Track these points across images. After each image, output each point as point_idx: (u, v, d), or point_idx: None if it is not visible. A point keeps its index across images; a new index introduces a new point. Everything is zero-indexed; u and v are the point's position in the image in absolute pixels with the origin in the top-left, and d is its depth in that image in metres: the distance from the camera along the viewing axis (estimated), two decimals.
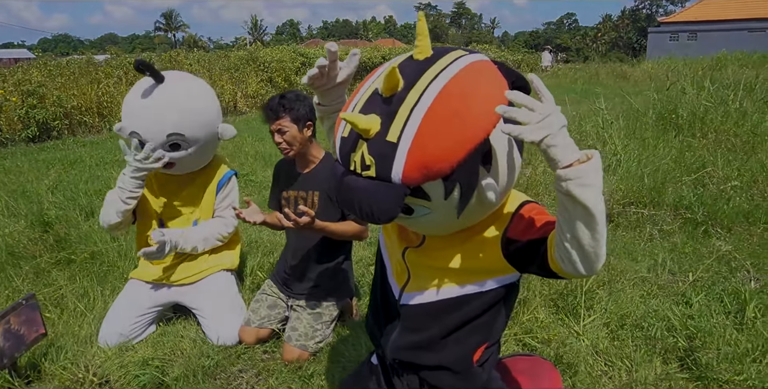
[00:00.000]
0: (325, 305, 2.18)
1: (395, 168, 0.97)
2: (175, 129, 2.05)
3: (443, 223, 1.13)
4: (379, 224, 1.08)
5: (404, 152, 0.96)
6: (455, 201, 1.03)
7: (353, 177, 1.03)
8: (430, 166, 0.96)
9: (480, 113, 0.96)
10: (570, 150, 0.90)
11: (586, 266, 0.98)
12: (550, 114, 0.90)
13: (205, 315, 2.30)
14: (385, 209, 1.00)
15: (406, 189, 0.99)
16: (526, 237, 1.12)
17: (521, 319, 2.25)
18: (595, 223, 0.92)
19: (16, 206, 3.84)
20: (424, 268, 1.30)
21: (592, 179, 0.89)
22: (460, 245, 1.23)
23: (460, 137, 0.95)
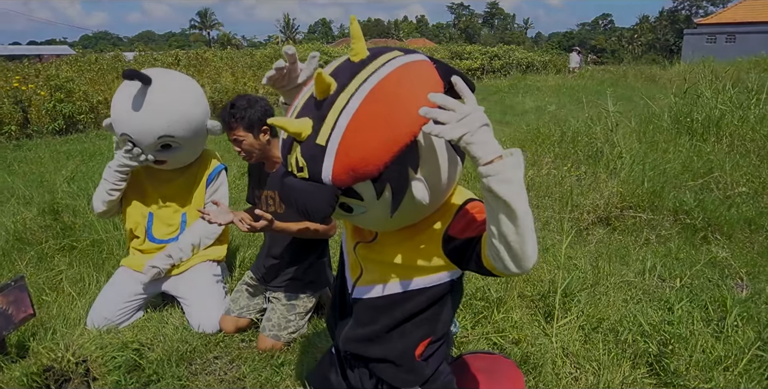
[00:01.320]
0: (300, 297, 2.23)
1: (325, 170, 1.01)
2: (166, 131, 2.14)
3: (382, 220, 1.16)
4: (317, 221, 1.13)
5: (332, 155, 0.99)
6: (388, 201, 1.07)
7: (291, 178, 1.08)
8: (357, 168, 0.99)
9: (405, 115, 0.99)
10: (490, 148, 0.93)
11: (516, 263, 1.00)
12: (469, 114, 0.93)
13: (188, 302, 2.39)
14: (318, 209, 1.04)
15: (337, 190, 1.03)
16: (464, 235, 1.15)
17: (495, 318, 2.26)
18: (517, 219, 0.94)
19: (30, 194, 4.02)
20: (375, 263, 1.34)
21: (511, 175, 0.91)
22: (407, 242, 1.26)
23: (385, 139, 0.98)
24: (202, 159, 2.45)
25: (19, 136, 6.98)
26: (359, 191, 1.06)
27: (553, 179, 4.19)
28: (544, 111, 8.36)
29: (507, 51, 18.94)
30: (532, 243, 0.98)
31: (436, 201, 1.18)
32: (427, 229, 1.24)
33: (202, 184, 2.41)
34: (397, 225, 1.23)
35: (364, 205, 1.10)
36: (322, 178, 1.01)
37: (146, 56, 10.97)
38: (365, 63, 1.06)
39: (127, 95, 2.16)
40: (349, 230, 1.43)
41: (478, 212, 1.20)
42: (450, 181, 1.17)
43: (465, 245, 1.15)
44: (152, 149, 2.18)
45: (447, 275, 1.27)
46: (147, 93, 2.14)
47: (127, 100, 2.15)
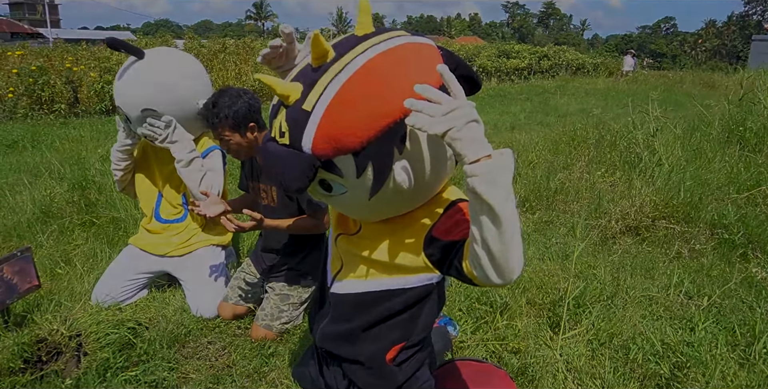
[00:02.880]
0: (295, 287, 2.18)
1: (306, 137, 0.95)
2: (148, 105, 2.13)
3: (361, 205, 1.09)
4: (291, 193, 1.08)
5: (316, 121, 0.94)
6: (369, 181, 1.00)
7: (272, 143, 1.03)
8: (339, 138, 0.93)
9: (398, 91, 0.92)
10: (477, 145, 0.85)
11: (498, 273, 0.91)
12: (456, 108, 0.85)
13: (188, 286, 2.39)
14: (293, 178, 0.99)
15: (316, 160, 0.96)
16: (448, 237, 1.07)
17: (497, 324, 2.15)
18: (501, 225, 0.86)
19: (64, 170, 4.16)
20: (355, 257, 1.27)
21: (498, 177, 0.83)
22: (389, 237, 1.19)
23: (373, 113, 0.92)
24: (199, 140, 2.42)
25: (68, 114, 7.28)
26: (339, 166, 0.99)
27: (584, 184, 3.99)
28: (588, 114, 8.04)
29: (557, 52, 18.35)
30: (517, 253, 0.90)
31: (419, 192, 1.10)
32: (411, 226, 1.15)
33: None
34: (378, 214, 1.16)
35: (343, 183, 1.03)
36: (302, 145, 0.96)
37: (194, 43, 11.22)
38: (368, 37, 1.00)
39: (123, 68, 2.20)
40: (334, 220, 1.36)
41: (466, 214, 1.11)
42: (437, 172, 1.08)
43: (448, 249, 1.07)
44: (140, 122, 2.18)
45: (428, 278, 1.19)
46: (136, 66, 2.16)
47: (121, 72, 2.19)
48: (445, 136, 0.84)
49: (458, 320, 2.19)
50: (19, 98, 7.10)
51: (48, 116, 7.04)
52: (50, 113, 7.17)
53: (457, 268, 1.04)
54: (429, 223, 1.11)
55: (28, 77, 7.01)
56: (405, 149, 0.98)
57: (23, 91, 7.07)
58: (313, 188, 1.08)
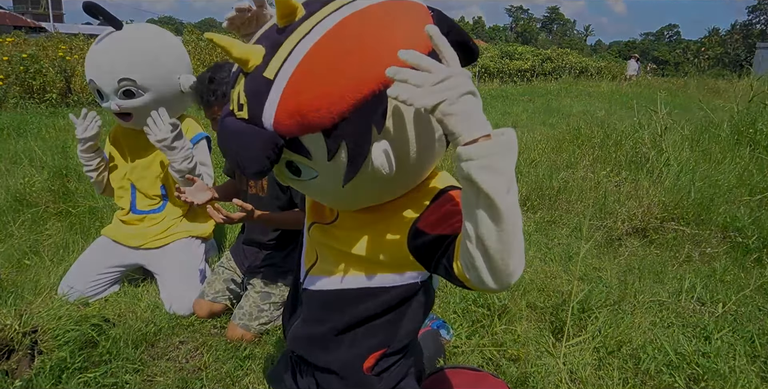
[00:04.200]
0: (277, 285, 2.01)
1: (267, 111, 0.81)
2: (125, 74, 1.96)
3: (334, 192, 0.93)
4: (250, 177, 0.90)
5: (278, 92, 0.79)
6: (342, 166, 0.84)
7: (230, 118, 0.87)
8: (305, 113, 0.78)
9: (378, 57, 0.77)
10: (474, 122, 0.70)
11: (494, 276, 0.77)
12: (448, 77, 0.70)
13: (163, 281, 2.22)
14: (251, 158, 0.83)
15: (278, 139, 0.81)
16: (436, 231, 0.91)
17: (495, 329, 1.97)
18: (502, 220, 0.71)
19: (45, 158, 3.99)
20: (329, 249, 1.11)
21: (498, 162, 0.69)
22: (368, 228, 1.02)
23: (347, 82, 0.77)
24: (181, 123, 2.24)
25: (59, 104, 7.10)
26: (307, 146, 0.83)
27: (588, 183, 3.82)
28: (592, 116, 7.88)
29: (560, 54, 18.19)
30: (518, 253, 0.75)
31: (403, 178, 0.94)
32: (393, 216, 0.99)
33: None
34: (354, 202, 1.00)
35: (313, 167, 0.87)
36: (262, 120, 0.82)
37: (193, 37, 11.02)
38: None
39: (98, 39, 2.05)
40: (308, 207, 1.19)
41: (459, 204, 0.94)
42: (424, 155, 0.91)
43: (435, 244, 0.91)
44: (114, 95, 2.00)
45: (413, 276, 1.03)
46: (114, 35, 2.02)
47: (96, 43, 2.04)
48: (435, 110, 0.69)
49: (452, 323, 2.02)
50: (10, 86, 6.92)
51: (39, 106, 6.87)
52: (41, 102, 6.99)
53: (446, 268, 0.88)
54: (414, 214, 0.95)
55: (19, 65, 6.83)
56: (386, 127, 0.82)
57: (14, 79, 6.89)
58: (279, 171, 0.93)
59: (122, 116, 2.07)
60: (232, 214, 1.59)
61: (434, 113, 0.69)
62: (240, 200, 1.53)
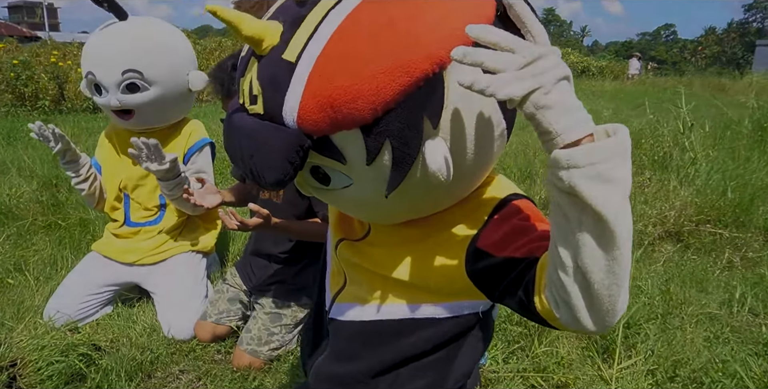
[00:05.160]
0: (289, 305, 1.79)
1: (288, 103, 0.63)
2: (131, 65, 1.76)
3: (373, 203, 0.74)
4: (266, 187, 0.69)
5: (303, 78, 0.61)
6: (385, 169, 0.66)
7: (240, 114, 0.69)
8: (338, 105, 0.60)
9: (430, 28, 0.60)
10: (575, 117, 0.53)
11: (595, 317, 0.60)
12: (540, 57, 0.53)
13: (160, 301, 1.99)
14: (269, 165, 0.65)
15: (304, 138, 0.63)
16: (503, 253, 0.72)
17: (535, 351, 1.75)
18: (614, 246, 0.54)
19: (35, 168, 3.77)
20: (361, 271, 0.90)
21: (615, 170, 0.52)
22: (411, 247, 0.82)
23: (390, 63, 0.58)
24: (183, 130, 2.03)
25: (52, 111, 6.88)
26: (341, 147, 0.65)
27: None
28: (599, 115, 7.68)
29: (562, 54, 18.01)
30: (627, 287, 0.59)
31: (459, 185, 0.75)
32: (442, 231, 0.79)
33: (180, 161, 1.99)
34: (396, 216, 0.80)
35: (347, 173, 0.69)
36: (282, 115, 0.63)
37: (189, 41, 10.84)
38: None
39: (99, 28, 1.85)
40: (334, 220, 0.98)
41: (528, 218, 0.75)
42: (484, 156, 0.73)
43: (503, 270, 0.71)
44: (116, 88, 1.78)
45: (471, 306, 0.83)
46: (118, 24, 1.83)
47: (97, 32, 1.84)
48: (525, 102, 0.53)
49: None
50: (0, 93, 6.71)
51: (31, 113, 6.65)
52: (33, 109, 6.77)
53: (523, 302, 0.69)
54: (470, 230, 0.77)
55: (10, 72, 6.62)
56: (441, 120, 0.64)
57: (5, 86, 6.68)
58: (302, 179, 0.75)
59: (121, 114, 1.87)
60: (247, 220, 1.38)
61: (523, 106, 0.53)
62: (256, 205, 1.33)
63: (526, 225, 0.73)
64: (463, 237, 0.76)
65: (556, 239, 0.59)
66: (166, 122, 1.97)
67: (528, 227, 0.73)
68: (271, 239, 1.77)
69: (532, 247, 0.69)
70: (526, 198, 0.81)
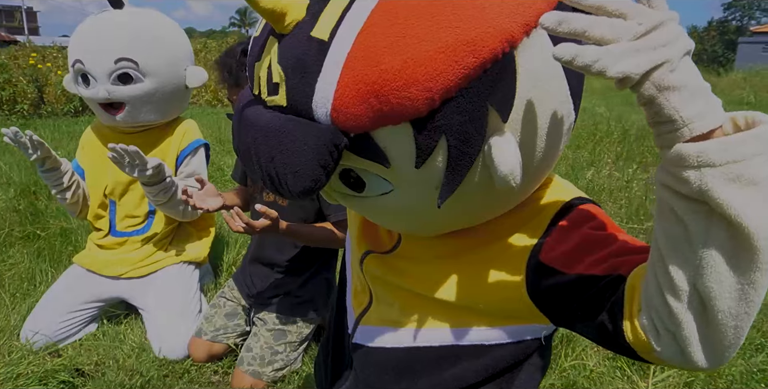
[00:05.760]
0: (295, 320, 1.63)
1: (320, 91, 0.50)
2: (126, 53, 1.61)
3: (416, 213, 0.62)
4: (291, 197, 0.55)
5: (339, 61, 0.49)
6: (436, 174, 0.53)
7: (255, 107, 0.56)
8: (386, 93, 0.48)
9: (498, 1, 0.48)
10: (707, 103, 0.42)
11: (709, 351, 0.48)
12: (660, 25, 0.42)
13: (150, 317, 1.83)
14: (296, 168, 0.52)
15: (339, 136, 0.50)
16: (575, 269, 0.58)
17: (562, 365, 1.61)
18: (754, 266, 0.42)
19: (12, 175, 3.57)
20: (392, 289, 0.76)
21: (759, 169, 0.41)
22: (456, 260, 0.69)
23: (452, 39, 0.47)
24: (177, 130, 1.88)
25: (31, 115, 6.62)
26: (384, 146, 0.52)
27: (616, 183, 3.50)
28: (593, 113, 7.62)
29: None
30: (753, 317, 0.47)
31: (522, 189, 0.63)
32: (495, 241, 0.66)
33: (171, 162, 1.83)
34: (443, 226, 0.67)
35: (388, 176, 0.56)
36: (312, 107, 0.51)
37: None
38: None
39: (90, 17, 1.72)
40: (357, 229, 0.84)
41: (604, 226, 0.62)
42: (551, 154, 0.61)
43: (575, 290, 0.58)
44: (107, 78, 1.63)
45: (530, 331, 0.69)
46: (113, 12, 1.69)
47: (89, 21, 1.70)
48: (644, 83, 0.41)
49: None
50: None
51: (9, 118, 6.39)
52: (11, 113, 6.50)
53: (606, 329, 0.55)
54: (528, 240, 0.63)
55: None
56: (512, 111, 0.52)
57: None
58: (328, 185, 0.63)
59: (109, 108, 1.71)
60: (254, 222, 1.24)
61: (641, 87, 0.41)
62: (264, 207, 1.21)
63: (601, 235, 0.60)
64: (521, 249, 0.63)
65: (664, 256, 0.46)
66: (158, 120, 1.81)
67: (604, 238, 0.59)
68: (274, 246, 1.61)
69: (614, 262, 0.56)
70: (591, 201, 0.67)
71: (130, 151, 1.45)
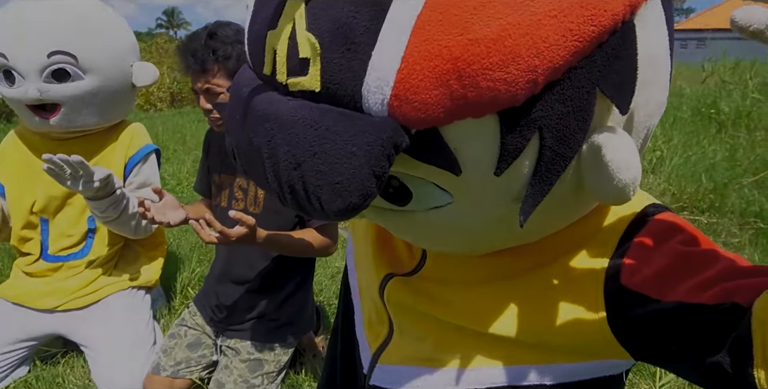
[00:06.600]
0: (271, 347, 1.44)
1: (375, 69, 0.35)
2: (62, 46, 1.38)
3: (476, 232, 0.49)
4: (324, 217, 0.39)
5: (405, 25, 0.34)
6: (518, 182, 0.41)
7: (268, 95, 0.40)
8: (473, 71, 0.34)
9: None
10: None
11: None
12: None
13: (95, 354, 1.58)
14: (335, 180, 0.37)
15: (401, 134, 0.36)
16: (671, 295, 0.46)
17: None
18: None
19: None
20: (422, 320, 0.63)
21: None
22: (505, 285, 0.57)
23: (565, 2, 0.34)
24: (123, 135, 1.64)
25: None
26: (456, 147, 0.38)
27: None
28: None
29: None
30: None
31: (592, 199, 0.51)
32: (555, 261, 0.54)
33: (119, 172, 1.58)
34: (498, 244, 0.53)
35: (451, 186, 0.42)
36: (363, 92, 0.35)
37: None
38: None
39: (13, 2, 1.46)
40: (372, 247, 0.69)
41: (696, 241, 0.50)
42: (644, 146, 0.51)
43: (673, 321, 0.46)
44: (38, 75, 1.39)
45: (603, 367, 0.55)
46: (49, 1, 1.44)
47: (13, 6, 1.44)
48: None
49: None
50: None
51: None
52: None
53: (723, 372, 0.42)
54: (597, 258, 0.52)
55: None
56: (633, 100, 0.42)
57: None
58: None
59: (41, 111, 1.46)
60: (229, 230, 1.09)
61: None
62: (240, 213, 1.07)
63: (696, 252, 0.48)
64: (589, 271, 0.51)
65: None
66: (100, 124, 1.56)
67: (702, 255, 0.48)
68: (244, 261, 1.42)
69: (725, 287, 0.44)
70: (666, 208, 0.55)
71: (73, 161, 1.21)
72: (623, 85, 0.39)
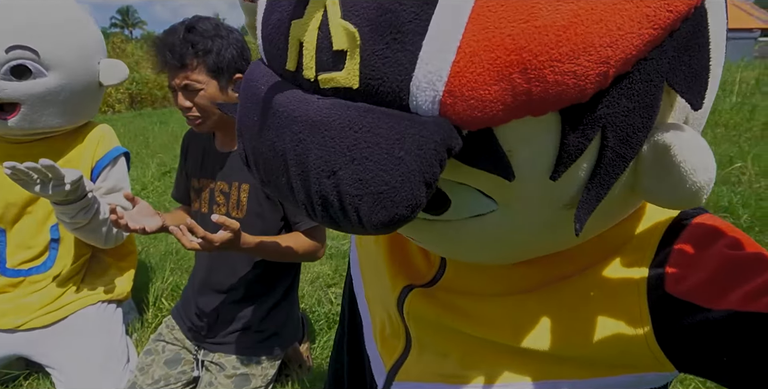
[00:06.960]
0: (257, 360, 1.36)
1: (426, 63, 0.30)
2: (21, 40, 1.28)
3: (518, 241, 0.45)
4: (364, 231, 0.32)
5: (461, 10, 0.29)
6: (573, 187, 0.37)
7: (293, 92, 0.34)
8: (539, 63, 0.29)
9: None
10: None
11: None
12: None
13: (62, 377, 1.46)
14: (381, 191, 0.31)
15: (454, 135, 0.31)
16: (722, 304, 0.43)
17: None
18: None
19: None
20: (447, 334, 0.58)
21: None
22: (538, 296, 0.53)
23: None
24: (89, 138, 1.53)
25: None
26: (509, 148, 0.33)
27: None
28: None
29: None
30: None
31: None
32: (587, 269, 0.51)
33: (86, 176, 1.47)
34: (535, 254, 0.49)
35: (498, 192, 0.38)
36: (410, 88, 0.30)
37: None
38: None
39: None
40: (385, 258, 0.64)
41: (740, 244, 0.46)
42: None
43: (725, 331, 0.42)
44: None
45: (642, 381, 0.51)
46: None
47: None
48: None
49: None
50: None
51: None
52: None
53: None
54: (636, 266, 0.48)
55: None
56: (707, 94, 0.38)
57: None
58: None
59: None
60: (212, 235, 1.03)
61: None
62: (223, 217, 1.01)
63: (745, 256, 0.45)
64: (628, 280, 0.47)
65: None
66: (63, 126, 1.45)
67: (752, 260, 0.44)
68: (227, 268, 1.34)
69: None
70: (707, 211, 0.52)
71: (43, 166, 1.12)
72: (695, 78, 0.34)
